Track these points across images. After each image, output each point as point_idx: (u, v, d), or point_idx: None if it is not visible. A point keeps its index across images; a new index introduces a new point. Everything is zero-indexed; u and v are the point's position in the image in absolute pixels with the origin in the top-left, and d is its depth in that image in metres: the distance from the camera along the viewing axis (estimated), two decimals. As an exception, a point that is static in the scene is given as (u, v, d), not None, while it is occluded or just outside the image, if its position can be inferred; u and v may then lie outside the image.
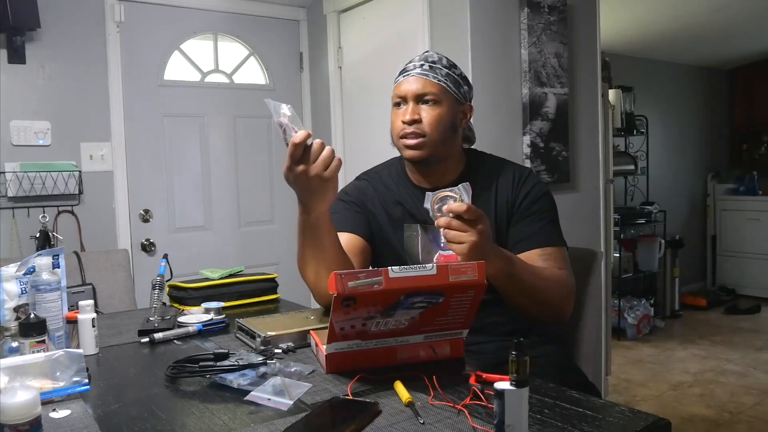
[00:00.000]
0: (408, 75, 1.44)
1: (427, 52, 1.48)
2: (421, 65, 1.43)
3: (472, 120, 1.52)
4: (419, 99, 1.41)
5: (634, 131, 4.75)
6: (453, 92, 1.43)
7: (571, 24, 2.73)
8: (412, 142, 1.41)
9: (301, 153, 1.14)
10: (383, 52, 2.81)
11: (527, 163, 2.53)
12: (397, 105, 1.45)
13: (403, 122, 1.41)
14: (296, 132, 1.14)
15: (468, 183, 1.21)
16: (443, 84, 1.42)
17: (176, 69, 2.99)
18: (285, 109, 1.16)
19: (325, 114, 3.21)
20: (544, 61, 2.57)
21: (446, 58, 1.46)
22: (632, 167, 4.70)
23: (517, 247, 1.39)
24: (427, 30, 2.53)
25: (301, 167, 1.15)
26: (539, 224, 1.42)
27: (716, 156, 5.85)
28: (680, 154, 5.53)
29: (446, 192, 1.22)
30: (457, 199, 1.20)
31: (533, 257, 1.37)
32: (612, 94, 4.15)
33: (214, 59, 3.11)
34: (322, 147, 1.16)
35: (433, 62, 1.44)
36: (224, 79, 3.14)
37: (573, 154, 2.76)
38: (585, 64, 2.83)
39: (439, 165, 1.46)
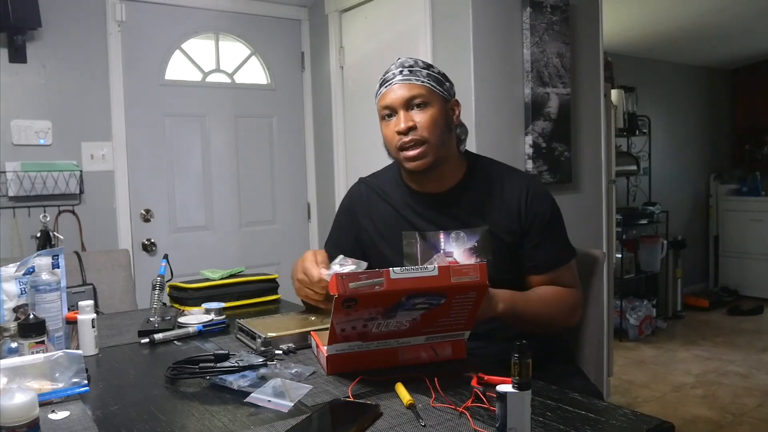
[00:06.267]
0: (390, 84, 1.40)
1: (400, 59, 1.44)
2: (400, 71, 1.40)
3: (462, 116, 1.49)
4: (408, 105, 1.38)
5: (637, 131, 4.74)
6: (438, 91, 1.40)
7: (574, 24, 2.73)
8: (413, 152, 1.37)
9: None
10: (385, 51, 2.80)
11: (529, 164, 2.52)
12: (386, 117, 1.41)
13: (399, 132, 1.37)
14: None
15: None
16: (427, 84, 1.39)
17: (177, 68, 2.99)
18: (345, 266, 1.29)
19: (326, 114, 3.20)
20: (546, 61, 2.57)
21: (421, 60, 1.43)
22: (634, 167, 4.69)
23: (530, 271, 1.43)
24: (429, 29, 2.52)
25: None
26: (551, 247, 1.43)
27: (719, 156, 5.83)
28: (682, 154, 5.52)
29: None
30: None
31: (546, 280, 1.42)
32: (614, 94, 4.14)
33: (216, 59, 3.11)
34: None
35: (411, 66, 1.40)
36: (225, 79, 3.13)
37: (575, 155, 2.75)
38: (587, 64, 2.82)
39: (438, 169, 1.42)
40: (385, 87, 1.41)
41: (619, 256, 4.34)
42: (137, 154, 2.86)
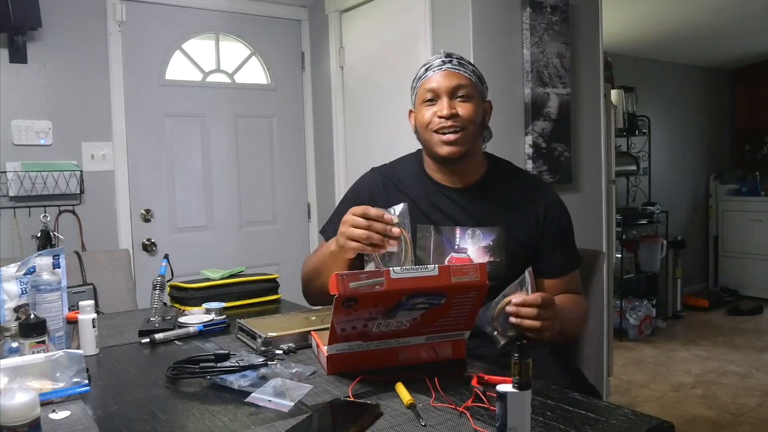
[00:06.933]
0: (439, 69, 1.42)
1: (443, 51, 1.48)
2: (450, 60, 1.43)
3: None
4: (452, 94, 1.41)
5: (636, 131, 4.74)
6: (479, 88, 1.45)
7: (574, 24, 2.73)
8: (451, 137, 1.39)
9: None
10: (385, 51, 2.80)
11: (529, 164, 2.52)
12: (429, 101, 1.43)
13: (441, 117, 1.40)
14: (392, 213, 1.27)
15: (528, 272, 1.23)
16: (473, 78, 1.43)
17: (178, 68, 2.99)
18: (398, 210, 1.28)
19: (326, 114, 3.20)
20: (546, 61, 2.57)
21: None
22: (634, 168, 4.69)
23: (544, 275, 1.46)
24: (429, 29, 2.52)
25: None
26: (565, 253, 1.49)
27: (718, 156, 5.83)
28: (682, 154, 5.52)
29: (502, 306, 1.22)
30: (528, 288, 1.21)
31: (560, 284, 1.46)
32: (614, 94, 4.14)
33: (216, 59, 3.11)
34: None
35: (459, 58, 1.44)
36: (226, 79, 3.13)
37: (575, 155, 2.75)
38: (587, 64, 2.83)
39: (466, 162, 1.45)
40: (432, 71, 1.43)
41: (619, 256, 4.34)
42: (137, 154, 2.86)
